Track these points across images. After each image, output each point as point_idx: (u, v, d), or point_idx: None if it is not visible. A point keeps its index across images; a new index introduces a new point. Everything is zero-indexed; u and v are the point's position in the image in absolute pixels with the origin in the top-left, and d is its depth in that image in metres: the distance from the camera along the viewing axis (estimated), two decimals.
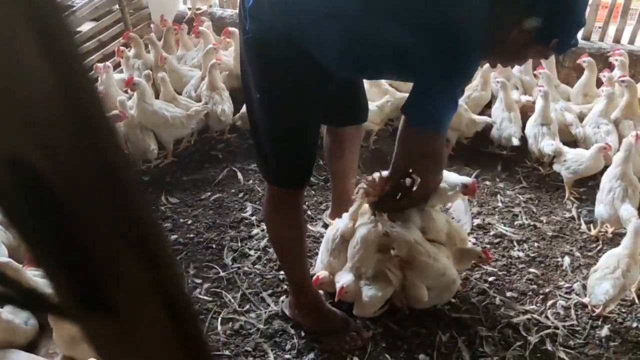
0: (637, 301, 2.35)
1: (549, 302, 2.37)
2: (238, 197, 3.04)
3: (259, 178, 3.16)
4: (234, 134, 3.54)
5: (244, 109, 3.26)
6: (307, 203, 2.93)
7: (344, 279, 2.18)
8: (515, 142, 3.19)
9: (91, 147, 0.33)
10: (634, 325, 2.25)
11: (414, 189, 1.99)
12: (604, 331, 2.22)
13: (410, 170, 1.93)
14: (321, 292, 2.29)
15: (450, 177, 2.30)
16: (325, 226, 2.69)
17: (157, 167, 3.27)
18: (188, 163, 3.33)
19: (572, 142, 3.30)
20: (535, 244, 2.71)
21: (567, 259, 2.61)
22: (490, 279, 2.48)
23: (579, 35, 3.96)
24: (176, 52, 3.99)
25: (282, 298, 2.34)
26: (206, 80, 3.39)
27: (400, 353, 2.11)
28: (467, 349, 2.13)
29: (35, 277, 2.05)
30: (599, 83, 3.45)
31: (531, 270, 2.54)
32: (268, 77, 1.75)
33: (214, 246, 2.70)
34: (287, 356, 2.13)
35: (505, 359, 2.09)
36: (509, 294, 2.41)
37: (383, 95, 3.40)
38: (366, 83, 3.03)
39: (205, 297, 2.40)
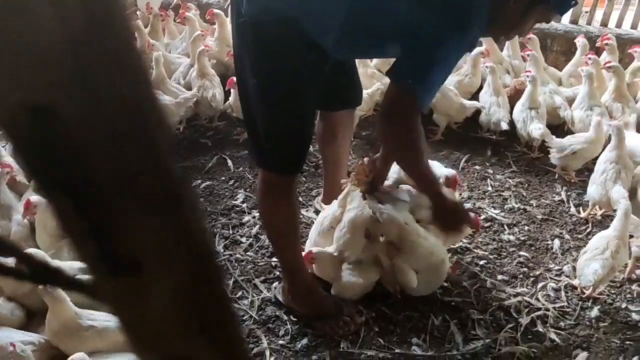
0: (624, 275, 2.38)
1: (540, 285, 2.39)
2: (228, 185, 3.02)
3: (250, 165, 3.14)
4: (224, 122, 3.51)
5: (232, 96, 3.24)
6: (298, 190, 2.92)
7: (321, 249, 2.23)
8: (504, 126, 3.20)
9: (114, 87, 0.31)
10: (624, 305, 2.28)
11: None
12: (594, 312, 2.25)
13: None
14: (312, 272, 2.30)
15: (433, 168, 2.33)
16: (317, 212, 2.69)
17: None
18: (177, 151, 3.31)
19: (561, 125, 3.32)
20: (526, 228, 2.73)
21: (557, 242, 2.63)
22: (482, 262, 2.49)
23: (566, 19, 3.97)
24: (163, 39, 3.94)
25: (274, 284, 2.34)
26: (195, 67, 3.36)
27: (393, 337, 2.13)
28: (459, 332, 2.15)
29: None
30: None
31: (522, 253, 2.56)
32: (266, 61, 1.72)
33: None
34: (280, 342, 2.13)
35: (497, 341, 2.11)
36: (500, 277, 2.43)
37: (370, 80, 3.38)
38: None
39: None
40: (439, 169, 2.35)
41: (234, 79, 3.21)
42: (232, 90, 3.22)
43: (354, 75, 2.33)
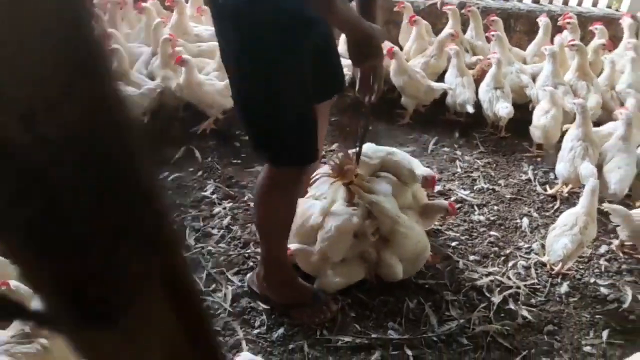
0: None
1: (510, 263, 2.43)
2: (197, 176, 2.97)
3: (218, 156, 3.09)
4: (189, 111, 3.42)
5: (183, 75, 3.08)
6: None
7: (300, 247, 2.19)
8: (470, 109, 3.21)
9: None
10: (592, 280, 2.34)
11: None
12: (564, 288, 2.30)
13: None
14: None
15: (413, 163, 2.33)
16: None
17: None
18: (143, 142, 3.22)
19: (526, 103, 3.36)
20: (495, 207, 2.77)
21: (525, 220, 2.68)
22: (453, 244, 2.52)
23: None
24: (122, 28, 3.81)
25: (248, 275, 2.32)
26: (158, 56, 3.27)
27: (369, 322, 2.13)
28: (434, 314, 2.17)
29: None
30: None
31: (492, 233, 2.60)
32: (258, 44, 1.65)
33: (175, 227, 2.63)
34: (256, 332, 2.11)
35: (470, 321, 2.14)
36: (471, 257, 2.46)
37: None
38: None
39: None
40: (418, 168, 2.32)
41: (182, 55, 3.12)
42: (182, 69, 3.08)
43: (337, 62, 2.23)
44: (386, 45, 3.12)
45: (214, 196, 2.82)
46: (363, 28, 1.68)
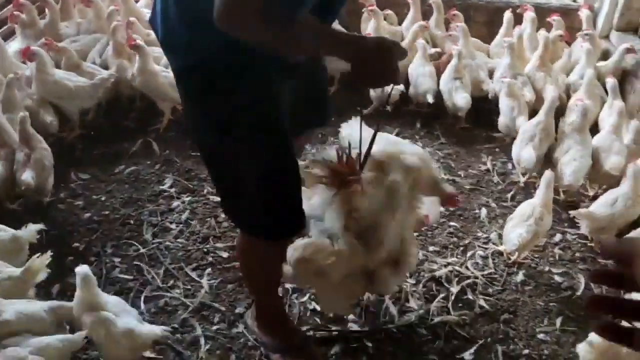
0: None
1: (469, 253, 2.46)
2: (155, 169, 2.90)
3: (176, 148, 3.03)
4: (146, 102, 3.33)
5: (137, 63, 2.98)
6: None
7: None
8: (430, 99, 3.21)
9: None
10: (547, 269, 2.39)
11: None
12: (519, 277, 2.34)
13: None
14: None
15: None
16: None
17: (63, 141, 3.03)
18: (98, 135, 3.13)
19: (484, 96, 3.39)
20: None
21: (484, 210, 2.71)
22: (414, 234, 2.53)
23: None
24: (76, 18, 3.67)
25: (207, 270, 2.27)
26: (110, 45, 3.16)
27: (329, 315, 2.13)
28: (393, 306, 2.18)
29: None
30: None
31: (451, 223, 2.63)
32: (220, 107, 1.45)
33: (132, 222, 2.57)
34: (215, 327, 2.09)
35: (429, 312, 2.16)
36: (431, 248, 2.48)
37: None
38: None
39: (126, 276, 2.30)
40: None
41: (136, 41, 2.99)
42: (136, 57, 2.98)
43: (325, 92, 1.95)
44: None
45: (173, 190, 2.76)
46: (366, 47, 1.33)
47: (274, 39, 1.24)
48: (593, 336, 1.77)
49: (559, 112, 2.96)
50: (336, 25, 1.88)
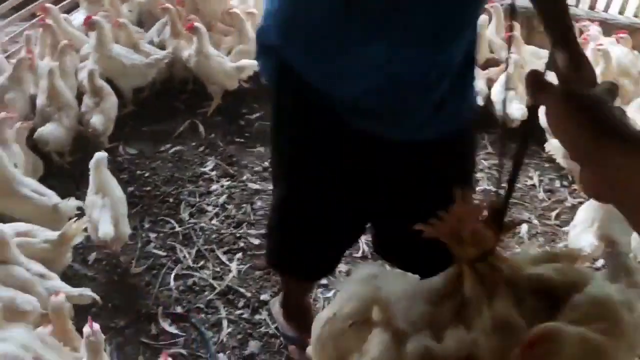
0: None
1: None
2: (198, 151, 2.95)
3: (222, 132, 3.07)
4: (198, 85, 3.38)
5: (195, 46, 3.03)
6: None
7: None
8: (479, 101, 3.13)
9: None
10: None
11: None
12: None
13: None
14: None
15: None
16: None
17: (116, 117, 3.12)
18: (148, 113, 3.20)
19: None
20: None
21: (524, 227, 2.62)
22: None
23: None
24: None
25: (237, 255, 2.30)
26: (168, 26, 3.23)
27: None
28: None
29: None
30: None
31: None
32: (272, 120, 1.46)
33: (170, 200, 2.63)
34: (238, 312, 2.11)
35: None
36: None
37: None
38: None
39: (160, 252, 2.35)
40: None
41: (194, 23, 3.06)
42: (195, 39, 3.02)
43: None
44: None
45: (214, 173, 2.81)
46: None
47: None
48: None
49: None
50: None
